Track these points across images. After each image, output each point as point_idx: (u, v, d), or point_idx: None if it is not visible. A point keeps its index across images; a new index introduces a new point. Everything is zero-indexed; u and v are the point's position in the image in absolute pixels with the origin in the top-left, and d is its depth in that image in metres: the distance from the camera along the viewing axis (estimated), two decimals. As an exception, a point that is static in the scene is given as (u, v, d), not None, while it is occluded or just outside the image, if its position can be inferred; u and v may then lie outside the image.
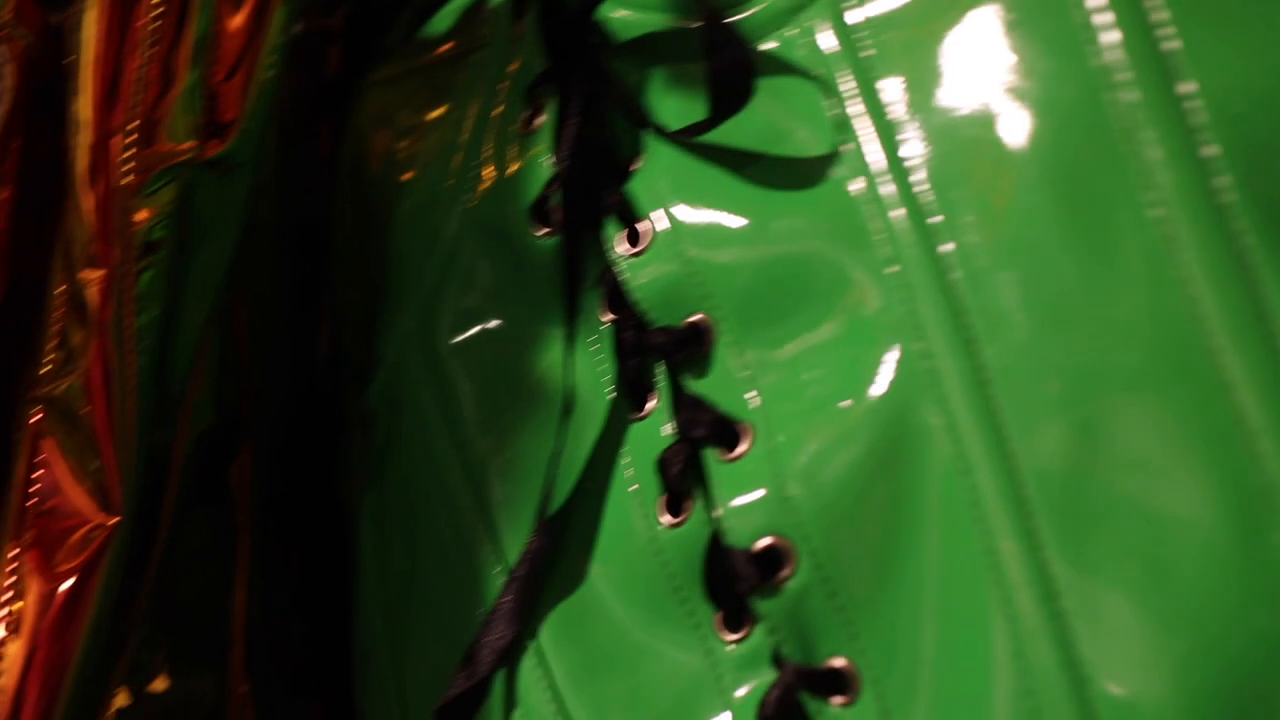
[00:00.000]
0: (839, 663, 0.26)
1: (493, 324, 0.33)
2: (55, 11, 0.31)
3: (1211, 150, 0.23)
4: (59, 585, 0.29)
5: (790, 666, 0.26)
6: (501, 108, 0.34)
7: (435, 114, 0.37)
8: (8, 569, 0.29)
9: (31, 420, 0.30)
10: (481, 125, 0.34)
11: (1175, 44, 0.23)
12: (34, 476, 0.29)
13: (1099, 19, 0.24)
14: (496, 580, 0.31)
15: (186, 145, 0.30)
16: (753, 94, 0.27)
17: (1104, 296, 0.23)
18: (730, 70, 0.27)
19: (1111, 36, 0.24)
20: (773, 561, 0.26)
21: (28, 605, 0.28)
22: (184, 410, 0.33)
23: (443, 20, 0.39)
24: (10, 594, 0.28)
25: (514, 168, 0.32)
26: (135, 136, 0.29)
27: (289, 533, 0.41)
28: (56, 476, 0.29)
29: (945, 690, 0.24)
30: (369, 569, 0.36)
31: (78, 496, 0.29)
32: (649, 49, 0.32)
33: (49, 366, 0.30)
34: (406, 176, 0.37)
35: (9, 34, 0.30)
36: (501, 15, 0.35)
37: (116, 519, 0.29)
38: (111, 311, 0.29)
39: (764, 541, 0.26)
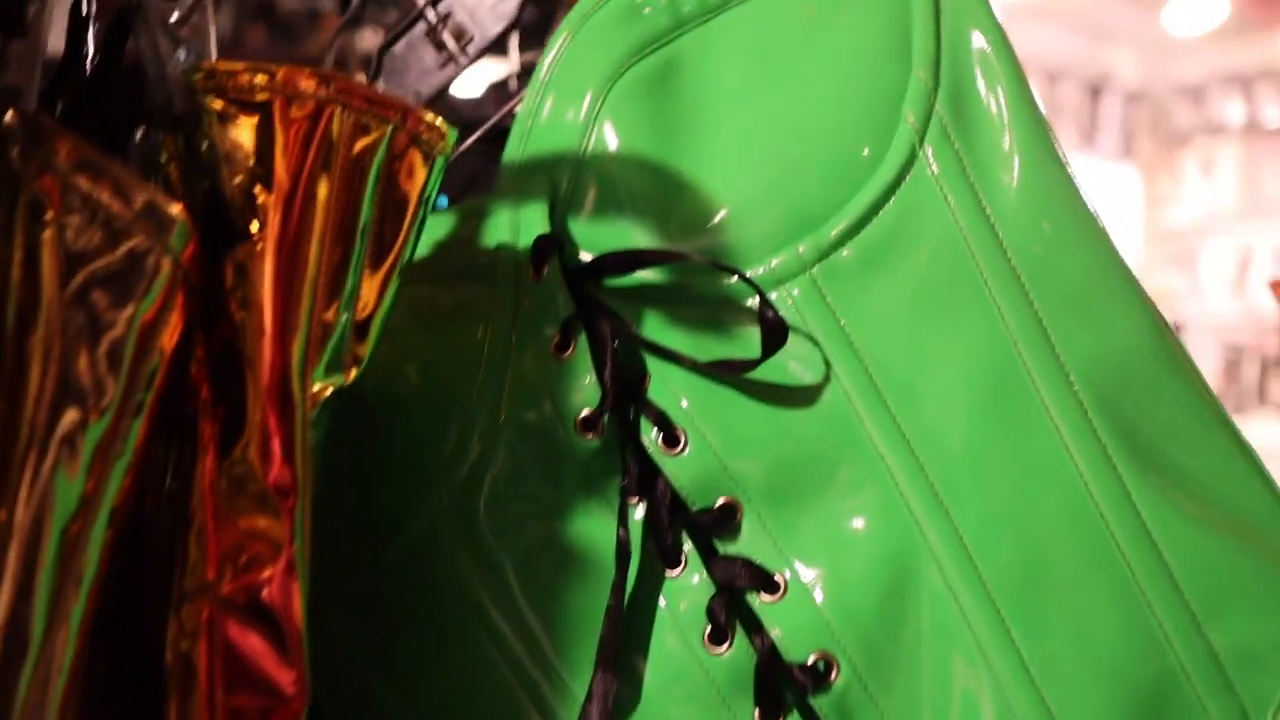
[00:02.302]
0: (870, 734, 0.38)
1: (534, 507, 0.42)
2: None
3: (1078, 389, 0.39)
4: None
5: (834, 741, 0.38)
6: (516, 337, 0.43)
7: (425, 333, 0.45)
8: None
9: (204, 617, 0.34)
10: (502, 348, 0.43)
11: (1052, 330, 0.40)
12: (223, 667, 0.34)
13: (1006, 310, 0.40)
14: (567, 712, 0.40)
15: (332, 380, 0.37)
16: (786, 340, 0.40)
17: (1025, 480, 0.39)
18: (772, 322, 0.40)
19: (1011, 320, 0.40)
20: (822, 669, 0.38)
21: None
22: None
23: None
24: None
25: (550, 385, 0.42)
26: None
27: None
28: (247, 665, 0.34)
29: (953, 738, 0.38)
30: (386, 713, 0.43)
31: (269, 679, 0.34)
32: (641, 296, 0.43)
33: (215, 565, 0.35)
34: (398, 388, 0.44)
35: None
36: (504, 260, 0.44)
37: (305, 699, 0.34)
38: (298, 517, 0.35)
39: (814, 656, 0.39)
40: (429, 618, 0.43)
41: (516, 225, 0.44)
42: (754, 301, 0.41)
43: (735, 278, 0.42)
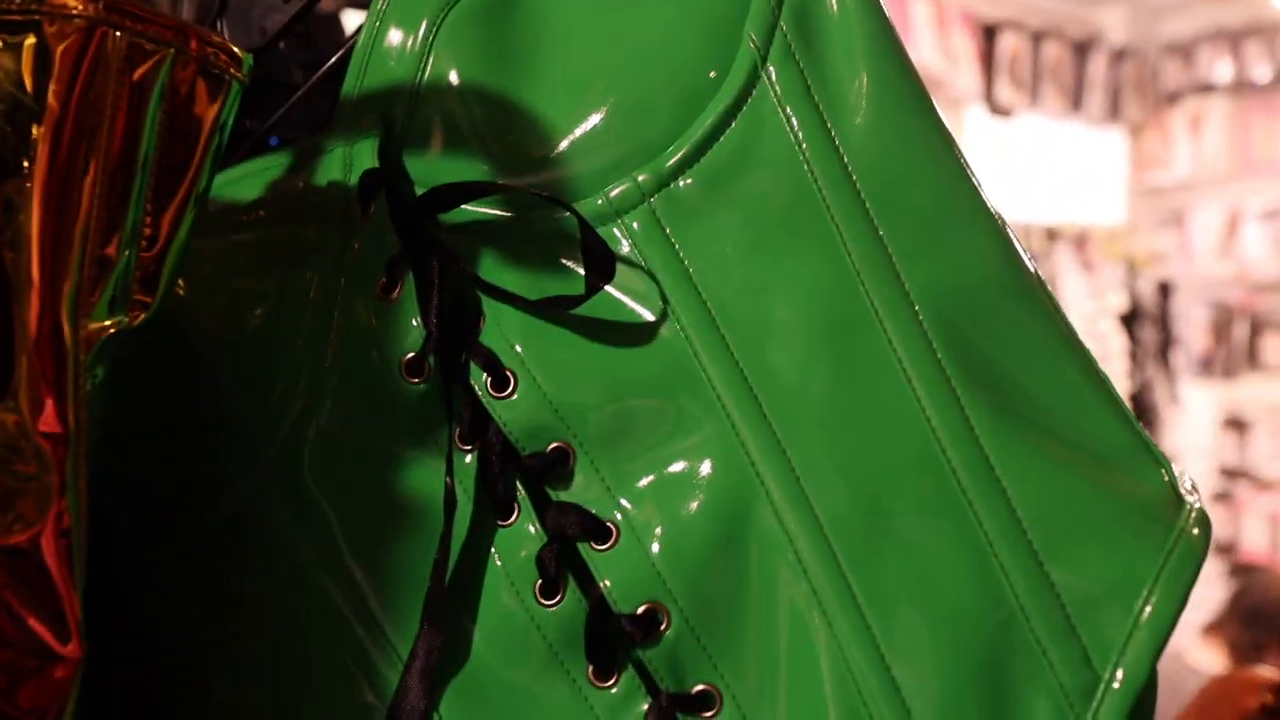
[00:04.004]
0: (704, 687, 0.36)
1: (360, 457, 0.39)
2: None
3: (923, 320, 0.37)
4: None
5: (665, 694, 0.36)
6: (344, 279, 0.40)
7: (256, 278, 0.42)
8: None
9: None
10: (329, 292, 0.40)
11: (897, 258, 0.37)
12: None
13: (850, 239, 0.37)
14: (391, 671, 0.38)
15: (114, 320, 0.34)
16: (614, 275, 0.37)
17: (865, 418, 0.36)
18: (598, 255, 0.37)
19: (854, 249, 0.37)
20: (652, 619, 0.36)
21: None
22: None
23: (238, 188, 0.44)
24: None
25: (378, 328, 0.39)
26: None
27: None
28: (13, 622, 0.32)
29: (788, 690, 0.36)
30: (212, 675, 0.40)
31: (38, 637, 0.32)
32: (478, 233, 0.41)
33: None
34: (230, 334, 0.42)
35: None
36: (334, 199, 0.42)
37: (79, 655, 0.32)
38: (70, 469, 0.32)
39: (643, 607, 0.36)
40: (253, 577, 0.40)
41: (349, 162, 0.42)
42: (620, 230, 0.39)
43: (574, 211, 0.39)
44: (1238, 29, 3.67)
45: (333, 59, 0.47)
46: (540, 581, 0.38)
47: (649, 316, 0.38)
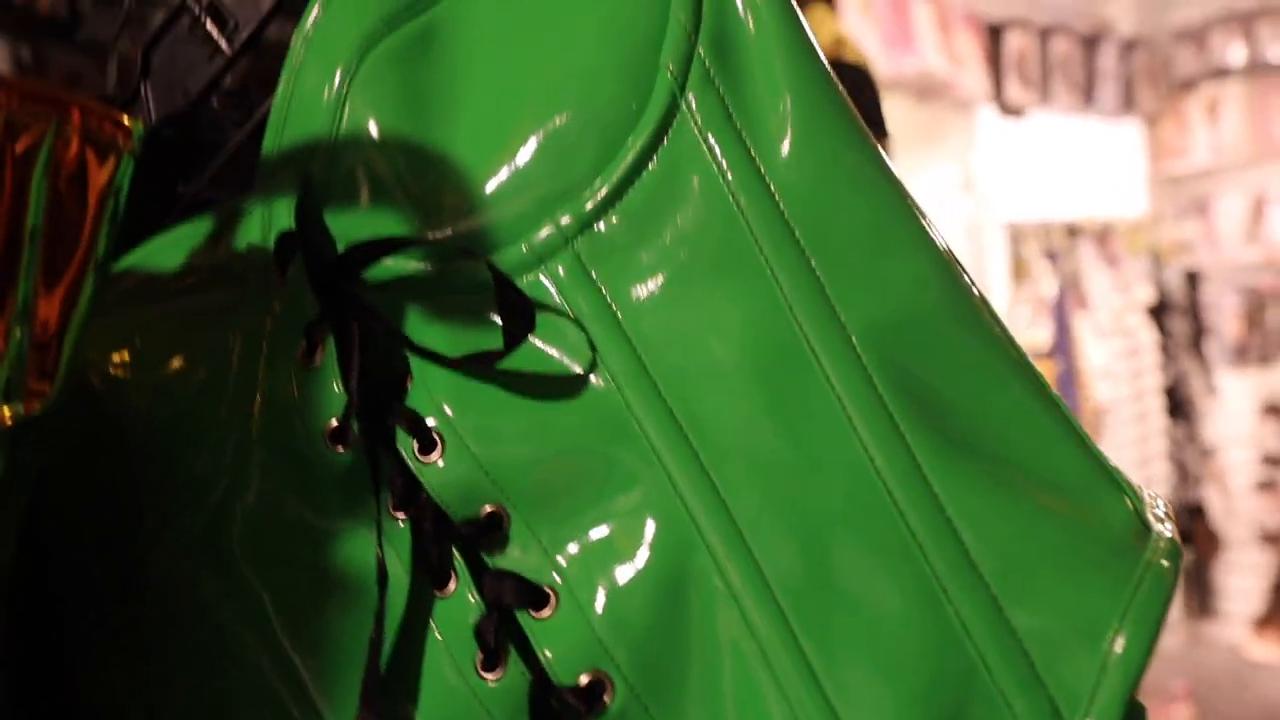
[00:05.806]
0: (654, 759, 0.34)
1: (290, 531, 0.38)
2: None
3: (862, 354, 0.34)
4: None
5: (616, 769, 0.34)
6: (266, 346, 0.39)
7: (181, 349, 0.41)
8: None
9: None
10: (251, 361, 0.39)
11: (831, 290, 0.35)
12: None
13: (781, 273, 0.35)
14: (330, 757, 0.36)
15: (11, 410, 0.33)
16: (535, 326, 0.36)
17: (807, 464, 0.34)
18: (516, 307, 0.35)
19: (786, 283, 0.35)
20: (596, 691, 0.34)
21: None
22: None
23: (161, 256, 0.43)
24: None
25: (300, 397, 0.38)
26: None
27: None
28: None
29: (742, 760, 0.33)
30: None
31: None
32: (402, 289, 0.39)
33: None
34: (159, 409, 0.40)
35: None
36: (253, 263, 0.40)
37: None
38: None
39: (586, 677, 0.34)
40: (186, 658, 0.39)
41: (267, 223, 0.40)
42: (543, 278, 0.37)
43: (499, 260, 0.38)
44: (1249, 11, 3.62)
45: (253, 119, 0.45)
46: (481, 655, 0.36)
47: (577, 368, 0.36)
